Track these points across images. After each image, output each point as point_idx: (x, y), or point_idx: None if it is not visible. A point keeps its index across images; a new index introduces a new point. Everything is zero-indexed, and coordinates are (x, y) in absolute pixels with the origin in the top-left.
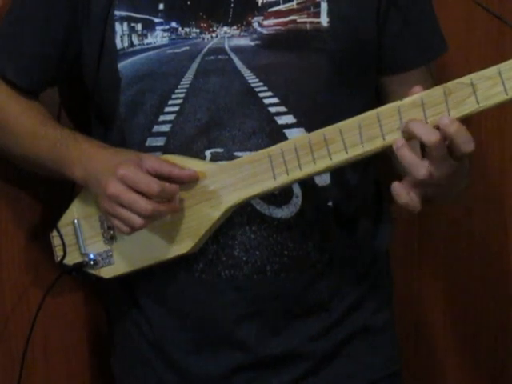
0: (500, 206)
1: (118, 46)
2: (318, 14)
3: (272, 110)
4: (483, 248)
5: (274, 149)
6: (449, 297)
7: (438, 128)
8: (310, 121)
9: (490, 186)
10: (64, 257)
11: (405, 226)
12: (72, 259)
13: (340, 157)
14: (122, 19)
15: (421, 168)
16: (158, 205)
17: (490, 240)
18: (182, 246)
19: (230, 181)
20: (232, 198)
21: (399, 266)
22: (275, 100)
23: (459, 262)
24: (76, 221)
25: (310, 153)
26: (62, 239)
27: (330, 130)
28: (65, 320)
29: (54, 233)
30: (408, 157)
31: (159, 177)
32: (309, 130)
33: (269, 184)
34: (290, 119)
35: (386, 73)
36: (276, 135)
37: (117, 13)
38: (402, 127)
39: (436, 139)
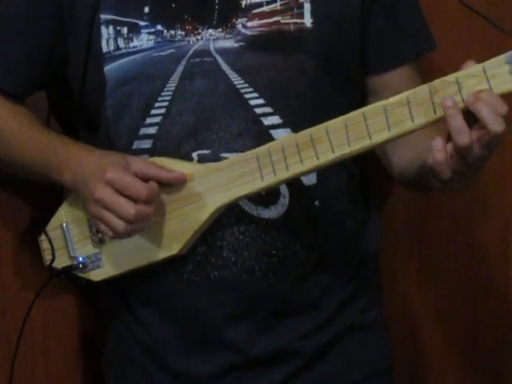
0: (500, 206)
1: (104, 49)
2: (301, 15)
3: (258, 110)
4: (483, 248)
5: (262, 149)
6: (448, 297)
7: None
8: (296, 121)
9: (490, 186)
10: (53, 260)
11: (405, 225)
12: (61, 262)
13: (327, 157)
14: (107, 23)
15: (467, 135)
16: (144, 208)
17: (490, 240)
18: (171, 248)
19: (218, 182)
20: (219, 198)
21: (399, 266)
22: (261, 101)
23: (459, 263)
24: (65, 224)
25: (297, 153)
26: (50, 243)
27: (316, 130)
28: (64, 322)
29: (43, 236)
30: (458, 119)
31: (147, 179)
32: (295, 130)
33: (256, 185)
34: (276, 120)
35: (370, 72)
36: (262, 136)
37: (102, 16)
38: (471, 97)
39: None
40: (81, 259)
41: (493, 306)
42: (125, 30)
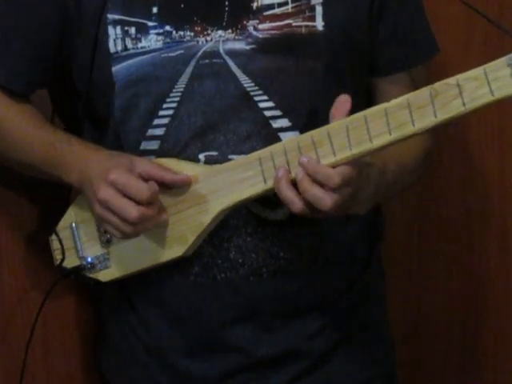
0: (500, 206)
1: (112, 49)
2: (313, 18)
3: (267, 113)
4: (483, 248)
5: (264, 152)
6: (448, 297)
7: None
8: (305, 124)
9: (490, 185)
10: (63, 260)
11: (405, 225)
12: (70, 262)
13: (328, 160)
14: (115, 22)
15: (297, 204)
16: (146, 210)
17: (490, 240)
18: (176, 250)
19: (222, 184)
20: (223, 201)
21: (399, 265)
22: (270, 104)
23: (459, 262)
24: (74, 224)
25: (298, 156)
26: (60, 243)
27: (318, 133)
28: (64, 322)
29: (53, 236)
30: (284, 192)
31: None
32: (303, 133)
33: (259, 187)
34: (284, 123)
35: (375, 74)
36: (271, 139)
37: (109, 16)
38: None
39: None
40: (89, 259)
41: (493, 306)
42: (133, 30)
